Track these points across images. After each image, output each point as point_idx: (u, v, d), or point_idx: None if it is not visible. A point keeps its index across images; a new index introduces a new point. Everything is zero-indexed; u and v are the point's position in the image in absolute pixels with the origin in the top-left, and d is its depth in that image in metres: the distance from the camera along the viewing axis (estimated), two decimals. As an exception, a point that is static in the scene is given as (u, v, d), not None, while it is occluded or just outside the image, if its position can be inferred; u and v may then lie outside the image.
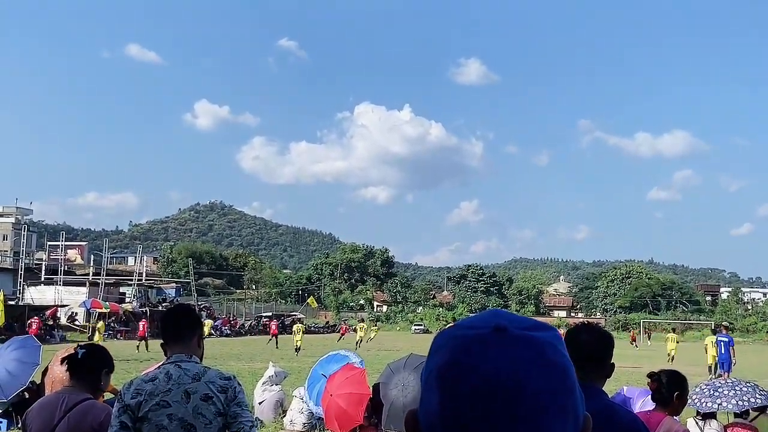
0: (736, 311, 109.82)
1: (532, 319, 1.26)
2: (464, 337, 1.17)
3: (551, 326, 1.26)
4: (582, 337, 3.28)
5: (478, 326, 1.18)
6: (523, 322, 1.21)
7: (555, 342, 1.20)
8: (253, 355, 37.76)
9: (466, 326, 1.20)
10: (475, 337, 1.16)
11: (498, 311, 1.25)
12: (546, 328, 1.22)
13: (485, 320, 1.20)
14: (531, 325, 1.21)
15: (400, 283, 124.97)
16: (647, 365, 35.66)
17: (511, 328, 1.17)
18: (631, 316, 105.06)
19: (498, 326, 1.16)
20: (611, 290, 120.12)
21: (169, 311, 4.08)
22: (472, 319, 1.22)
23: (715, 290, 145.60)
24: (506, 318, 1.21)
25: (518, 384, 1.11)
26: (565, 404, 1.15)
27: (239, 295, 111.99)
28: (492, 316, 1.22)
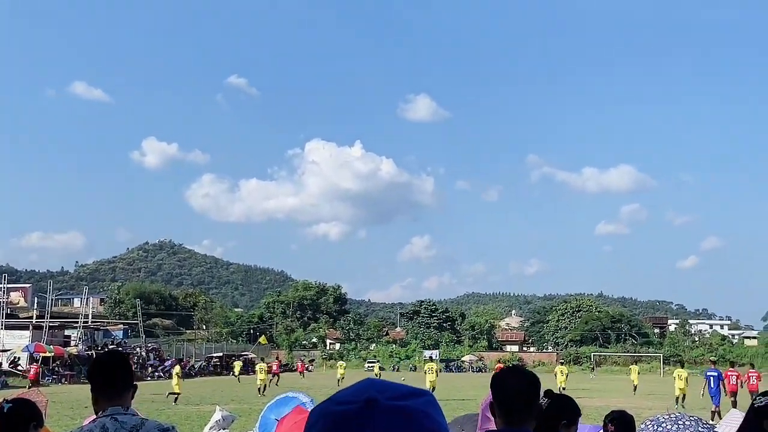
0: (684, 343, 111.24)
1: (406, 386, 1.23)
2: (335, 414, 1.15)
3: (425, 391, 1.24)
4: (509, 381, 3.22)
5: (349, 401, 1.16)
6: (396, 391, 1.19)
7: (428, 409, 1.17)
8: (202, 397, 37.02)
9: (338, 401, 1.18)
10: (346, 413, 1.14)
11: (372, 381, 1.22)
12: (419, 394, 1.20)
13: (358, 393, 1.18)
14: (404, 394, 1.18)
15: (353, 320, 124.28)
16: (598, 399, 35.81)
17: (382, 400, 1.14)
18: (582, 349, 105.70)
19: (369, 399, 1.14)
20: (562, 324, 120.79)
21: (100, 360, 3.84)
22: (344, 393, 1.20)
23: (663, 322, 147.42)
24: (379, 389, 1.18)
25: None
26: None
27: (189, 335, 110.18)
28: (365, 388, 1.19)
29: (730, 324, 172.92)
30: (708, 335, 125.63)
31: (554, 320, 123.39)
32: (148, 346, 78.52)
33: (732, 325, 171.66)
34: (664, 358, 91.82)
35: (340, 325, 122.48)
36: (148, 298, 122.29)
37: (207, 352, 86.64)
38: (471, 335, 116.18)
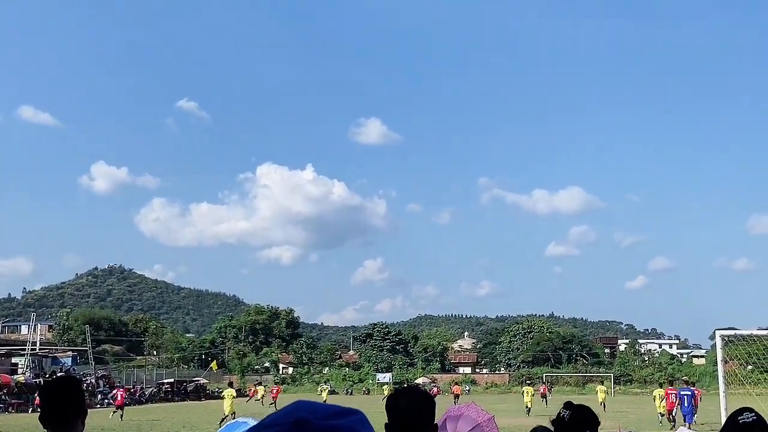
0: (634, 362, 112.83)
1: (336, 405, 1.24)
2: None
3: (355, 410, 1.25)
4: (401, 401, 3.24)
5: (279, 423, 1.16)
6: (326, 411, 1.20)
7: (358, 427, 1.19)
8: (153, 424, 36.65)
9: (266, 425, 1.19)
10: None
11: (302, 403, 1.23)
12: (350, 413, 1.21)
13: (287, 415, 1.18)
14: (334, 413, 1.20)
15: (305, 344, 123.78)
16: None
17: (313, 420, 1.15)
18: (534, 370, 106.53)
19: (298, 420, 1.15)
20: (514, 345, 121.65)
21: (48, 387, 3.79)
22: (274, 416, 1.20)
23: (614, 342, 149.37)
24: (308, 410, 1.19)
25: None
26: None
27: (140, 361, 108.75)
28: (295, 409, 1.20)
29: (679, 343, 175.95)
30: (657, 354, 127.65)
31: (506, 341, 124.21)
32: (98, 373, 77.35)
33: (680, 344, 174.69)
34: (614, 378, 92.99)
35: (293, 349, 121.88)
36: (97, 324, 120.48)
37: (158, 378, 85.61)
38: (424, 357, 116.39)
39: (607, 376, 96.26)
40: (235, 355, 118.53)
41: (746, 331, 21.36)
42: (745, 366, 40.74)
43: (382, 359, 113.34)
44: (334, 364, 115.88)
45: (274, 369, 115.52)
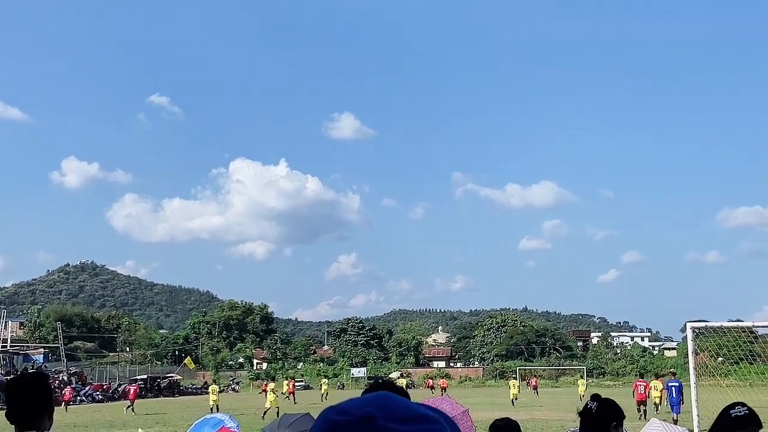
0: (606, 355, 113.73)
1: (416, 408, 1.18)
2: (332, 423, 1.14)
3: (433, 418, 1.18)
4: None
5: (350, 412, 1.14)
6: (399, 412, 1.15)
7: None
8: (126, 421, 36.46)
9: (340, 411, 1.17)
10: (340, 425, 1.13)
11: (380, 396, 1.19)
12: (425, 420, 1.15)
13: (360, 406, 1.16)
14: (408, 417, 1.14)
15: (279, 340, 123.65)
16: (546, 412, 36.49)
17: (379, 419, 1.12)
18: (508, 363, 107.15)
19: (365, 416, 1.12)
20: (488, 339, 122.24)
21: (14, 383, 3.74)
22: (351, 403, 1.18)
23: (586, 336, 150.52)
24: (381, 406, 1.15)
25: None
26: None
27: (112, 358, 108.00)
28: (369, 402, 1.16)
29: (651, 336, 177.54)
30: (629, 347, 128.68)
31: (480, 335, 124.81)
32: (70, 370, 76.81)
33: (652, 336, 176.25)
34: (587, 371, 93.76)
35: (267, 345, 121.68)
36: (69, 321, 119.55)
37: (131, 374, 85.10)
38: (398, 352, 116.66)
39: (580, 369, 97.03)
40: (209, 350, 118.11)
41: (716, 323, 21.61)
42: (715, 357, 41.33)
43: (357, 354, 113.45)
44: (309, 359, 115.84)
45: (249, 364, 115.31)
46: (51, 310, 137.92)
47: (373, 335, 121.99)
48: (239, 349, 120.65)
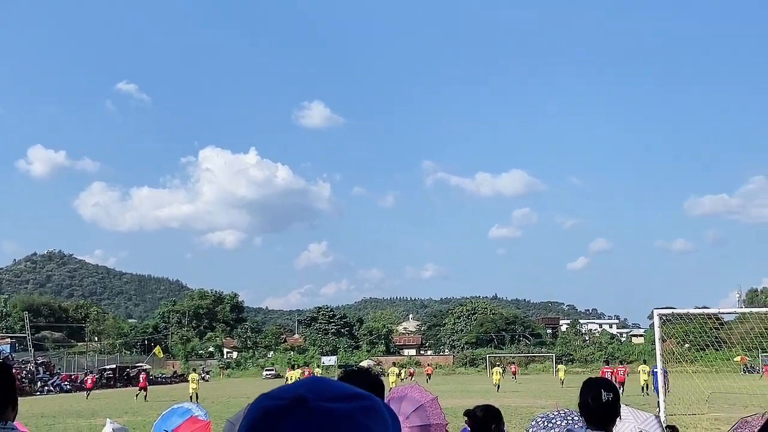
0: (575, 342, 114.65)
1: (346, 387, 1.20)
2: (265, 408, 1.15)
3: (367, 395, 1.21)
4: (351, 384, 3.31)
5: (282, 396, 1.16)
6: (331, 391, 1.17)
7: (359, 415, 1.15)
8: (94, 411, 36.18)
9: (273, 396, 1.18)
10: (272, 409, 1.14)
11: (312, 380, 1.21)
12: (358, 398, 1.17)
13: (293, 390, 1.17)
14: (340, 396, 1.17)
15: (250, 328, 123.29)
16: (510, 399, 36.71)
17: (311, 400, 1.13)
18: (478, 351, 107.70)
19: (298, 397, 1.14)
20: (458, 327, 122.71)
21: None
22: (281, 388, 1.19)
23: (555, 323, 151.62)
24: (314, 388, 1.17)
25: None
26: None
27: (81, 347, 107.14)
28: (301, 385, 1.18)
29: (619, 323, 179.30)
30: (598, 334, 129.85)
31: (450, 323, 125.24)
32: (38, 360, 76.07)
33: (620, 324, 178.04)
34: (556, 357, 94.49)
35: (238, 334, 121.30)
36: (36, 311, 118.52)
37: (100, 364, 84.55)
38: (369, 340, 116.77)
39: (549, 355, 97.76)
40: (179, 340, 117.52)
41: (683, 310, 21.90)
42: (682, 344, 41.78)
43: (327, 342, 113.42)
44: (279, 348, 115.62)
45: (219, 354, 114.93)
46: (18, 299, 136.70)
47: (344, 324, 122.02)
48: (209, 338, 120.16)
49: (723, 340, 44.49)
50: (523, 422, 21.12)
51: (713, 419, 24.29)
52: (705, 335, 28.83)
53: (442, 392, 31.42)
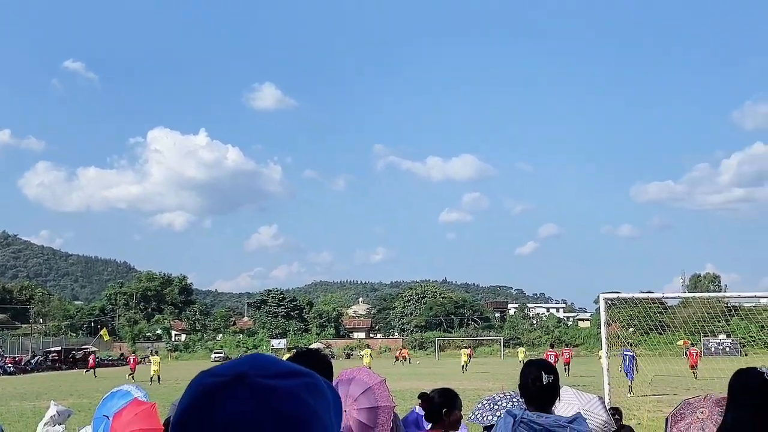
0: (523, 326, 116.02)
1: (290, 364, 1.20)
2: (204, 385, 1.14)
3: (308, 372, 1.20)
4: (300, 365, 3.31)
5: (222, 373, 1.15)
6: (272, 368, 1.16)
7: (300, 391, 1.14)
8: (39, 393, 35.65)
9: (213, 373, 1.17)
10: (214, 385, 1.13)
11: (253, 356, 1.20)
12: (300, 375, 1.17)
13: (233, 367, 1.16)
14: (281, 372, 1.16)
15: (199, 311, 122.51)
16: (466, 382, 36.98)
17: (252, 377, 1.13)
18: (427, 334, 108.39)
19: (238, 374, 1.13)
20: (408, 310, 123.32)
21: None
22: (223, 366, 1.18)
23: (504, 307, 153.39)
24: (255, 364, 1.16)
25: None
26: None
27: (25, 329, 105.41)
28: (242, 362, 1.17)
29: (566, 307, 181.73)
30: (545, 318, 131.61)
31: (400, 307, 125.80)
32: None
33: (567, 308, 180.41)
34: (504, 341, 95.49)
35: (186, 316, 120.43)
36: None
37: (45, 346, 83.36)
38: (319, 323, 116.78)
39: (497, 339, 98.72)
40: (126, 322, 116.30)
41: (628, 295, 22.22)
42: (627, 328, 42.45)
43: (277, 325, 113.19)
44: (228, 331, 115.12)
45: (167, 336, 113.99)
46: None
47: (294, 306, 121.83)
48: (157, 321, 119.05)
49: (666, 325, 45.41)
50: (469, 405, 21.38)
51: (656, 401, 24.79)
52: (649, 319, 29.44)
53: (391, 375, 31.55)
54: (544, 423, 4.01)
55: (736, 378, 4.49)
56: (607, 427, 9.71)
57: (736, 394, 4.40)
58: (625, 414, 14.92)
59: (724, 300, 37.26)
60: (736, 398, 4.34)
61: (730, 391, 4.47)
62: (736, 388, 4.39)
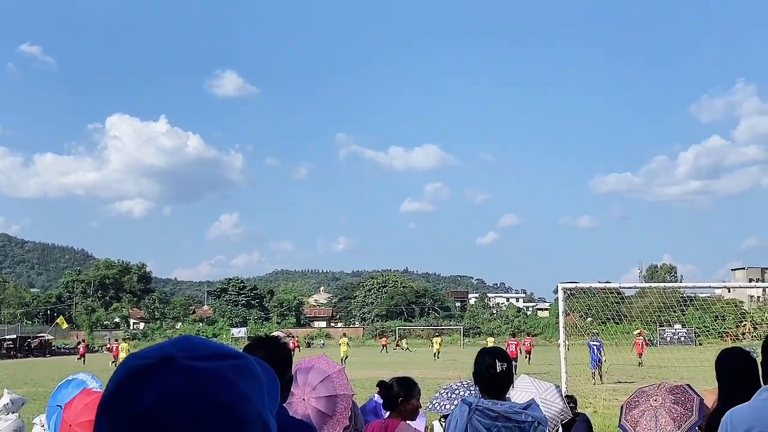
0: (483, 315, 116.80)
1: (220, 346, 1.18)
2: (132, 368, 1.12)
3: (240, 354, 1.19)
4: (256, 353, 3.19)
5: (150, 356, 1.13)
6: (202, 350, 1.15)
7: (230, 373, 1.13)
8: (-7, 382, 35.17)
9: (141, 355, 1.15)
10: (140, 367, 1.11)
11: (185, 338, 1.18)
12: (230, 356, 1.15)
13: (161, 348, 1.14)
14: (211, 354, 1.14)
15: (158, 299, 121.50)
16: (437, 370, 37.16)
17: (180, 359, 1.11)
18: (388, 323, 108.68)
19: (166, 356, 1.11)
20: (369, 299, 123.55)
21: None
22: (152, 347, 1.16)
23: (464, 296, 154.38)
24: (184, 346, 1.14)
25: (172, 421, 1.05)
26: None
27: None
28: (172, 344, 1.15)
29: (525, 297, 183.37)
30: (505, 308, 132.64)
31: (361, 296, 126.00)
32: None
33: (527, 297, 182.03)
34: (464, 330, 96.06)
35: (145, 304, 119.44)
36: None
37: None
38: (279, 312, 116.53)
39: (458, 328, 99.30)
40: (84, 310, 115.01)
41: (586, 285, 22.42)
42: (585, 318, 42.90)
43: (237, 314, 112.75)
44: (188, 320, 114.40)
45: (125, 324, 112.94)
46: None
47: (255, 295, 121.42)
48: (115, 309, 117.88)
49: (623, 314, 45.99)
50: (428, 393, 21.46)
51: (612, 390, 25.14)
52: (607, 309, 29.71)
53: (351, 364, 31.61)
54: (500, 410, 4.04)
55: (724, 358, 4.58)
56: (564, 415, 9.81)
57: (725, 374, 4.51)
58: (581, 402, 15.12)
59: (680, 290, 37.77)
60: (725, 378, 4.45)
61: (720, 372, 4.59)
62: (725, 368, 4.50)
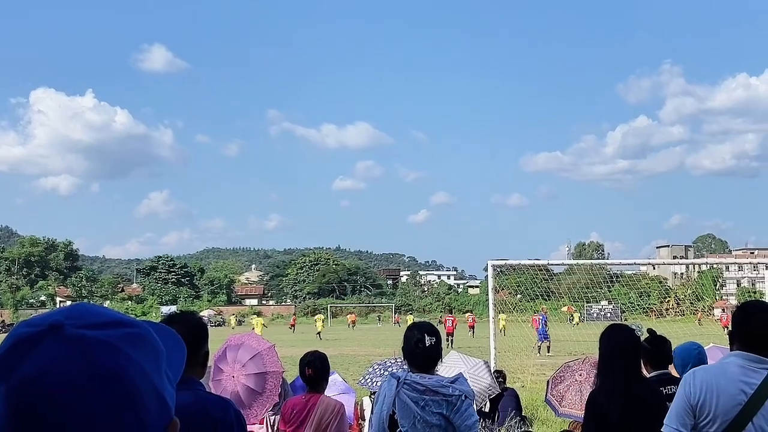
0: (414, 293, 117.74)
1: (112, 315, 1.15)
2: (19, 335, 1.09)
3: (134, 323, 1.16)
4: (175, 329, 3.27)
5: (37, 323, 1.09)
6: (93, 319, 1.12)
7: (120, 342, 1.09)
8: None
9: (30, 323, 1.11)
10: (27, 335, 1.08)
11: (78, 306, 1.15)
12: (122, 325, 1.12)
13: (50, 316, 1.11)
14: (101, 323, 1.11)
15: (85, 277, 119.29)
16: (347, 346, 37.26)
17: (68, 327, 1.08)
18: (320, 301, 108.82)
19: (53, 324, 1.08)
20: (301, 277, 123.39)
21: None
22: (42, 315, 1.12)
23: (396, 274, 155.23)
24: (75, 314, 1.12)
25: (54, 391, 1.03)
26: (117, 415, 1.06)
27: None
28: (62, 311, 1.12)
29: (456, 274, 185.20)
30: (436, 285, 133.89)
31: (293, 274, 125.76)
32: None
33: (458, 275, 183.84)
34: (396, 308, 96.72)
35: (72, 282, 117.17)
36: None
37: None
38: (210, 290, 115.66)
39: (389, 305, 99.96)
40: (8, 288, 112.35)
41: (516, 262, 22.78)
42: (514, 294, 43.57)
43: (167, 292, 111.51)
44: (116, 298, 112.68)
45: (51, 303, 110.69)
46: None
47: (185, 273, 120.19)
48: (41, 287, 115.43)
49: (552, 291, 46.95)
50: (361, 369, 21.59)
51: (539, 365, 25.61)
52: (536, 286, 30.25)
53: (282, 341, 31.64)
54: (428, 383, 4.11)
55: (609, 335, 4.74)
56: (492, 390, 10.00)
57: (607, 352, 4.68)
58: (509, 377, 15.39)
59: (607, 267, 38.66)
60: (607, 356, 4.62)
61: (603, 349, 4.75)
62: (608, 346, 4.66)
